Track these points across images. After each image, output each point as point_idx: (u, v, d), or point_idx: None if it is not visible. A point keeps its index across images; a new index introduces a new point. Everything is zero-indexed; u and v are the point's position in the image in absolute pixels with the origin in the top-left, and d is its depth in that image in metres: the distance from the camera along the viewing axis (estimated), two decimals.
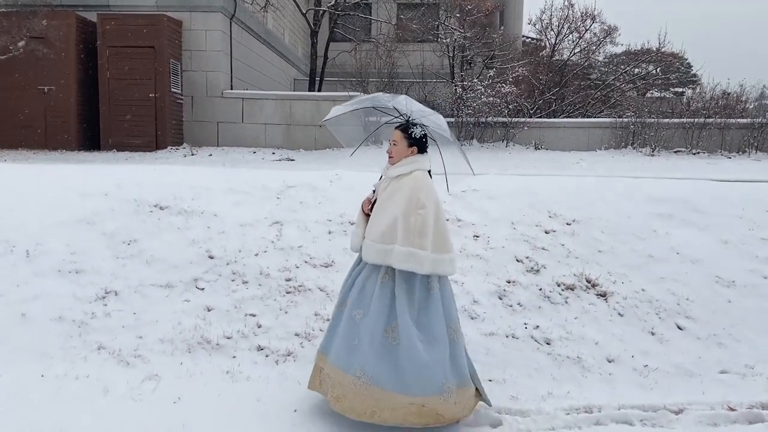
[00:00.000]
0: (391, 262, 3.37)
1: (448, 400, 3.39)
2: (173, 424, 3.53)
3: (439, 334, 3.43)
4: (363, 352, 3.38)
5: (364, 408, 3.37)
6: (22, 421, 3.48)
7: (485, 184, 6.24)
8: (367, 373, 3.36)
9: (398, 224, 3.37)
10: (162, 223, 5.40)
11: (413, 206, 3.37)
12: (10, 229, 5.29)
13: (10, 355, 4.22)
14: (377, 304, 3.41)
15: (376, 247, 3.43)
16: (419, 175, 3.48)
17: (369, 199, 3.69)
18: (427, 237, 3.37)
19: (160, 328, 4.48)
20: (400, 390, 3.34)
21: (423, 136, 3.57)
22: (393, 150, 3.58)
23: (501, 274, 5.10)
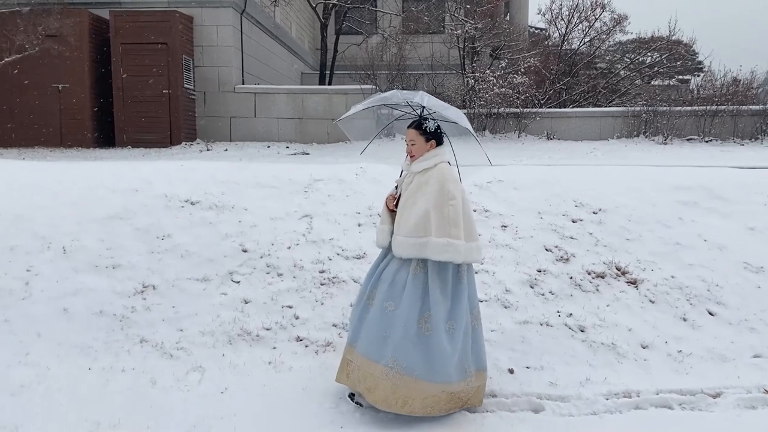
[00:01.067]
0: (428, 254, 3.40)
1: (471, 384, 3.57)
2: (224, 413, 3.61)
3: (465, 322, 3.53)
4: (395, 342, 3.44)
5: (396, 398, 3.45)
6: (77, 413, 3.57)
7: (509, 175, 6.30)
8: (400, 363, 3.43)
9: (431, 216, 3.40)
10: (194, 218, 5.47)
11: (445, 198, 3.42)
12: (44, 226, 5.35)
13: (56, 349, 4.30)
14: (410, 296, 3.45)
15: (410, 242, 3.46)
16: (445, 167, 3.54)
17: (393, 196, 3.72)
18: (460, 227, 3.43)
19: (200, 321, 4.55)
20: (433, 378, 3.43)
21: (437, 128, 3.61)
22: (412, 149, 3.60)
23: (531, 263, 5.17)
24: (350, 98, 12.14)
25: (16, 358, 4.19)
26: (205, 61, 12.24)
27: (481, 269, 5.07)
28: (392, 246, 3.59)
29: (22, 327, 4.48)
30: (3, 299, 4.69)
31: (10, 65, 10.51)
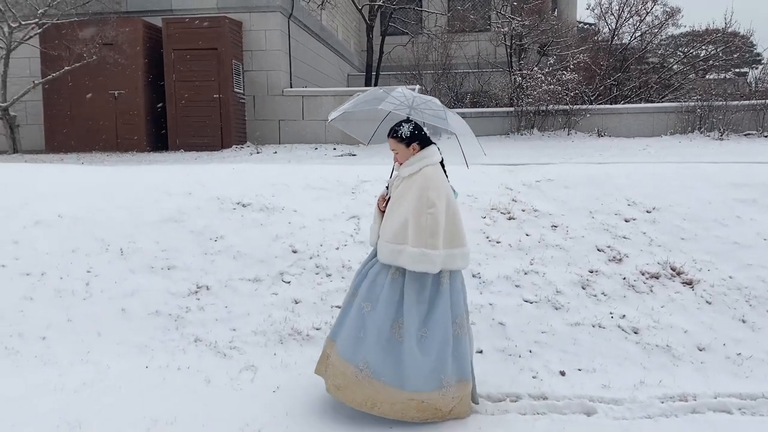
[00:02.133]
0: (403, 263, 3.35)
1: (446, 395, 3.44)
2: (276, 412, 3.67)
3: (444, 330, 3.42)
4: (368, 344, 3.43)
5: (365, 399, 3.44)
6: (135, 410, 3.68)
7: (559, 173, 6.21)
8: (370, 366, 3.42)
9: (409, 225, 3.35)
10: (246, 220, 5.59)
11: (423, 206, 3.33)
12: (103, 229, 5.56)
13: (114, 348, 4.46)
14: (385, 299, 3.43)
15: (389, 248, 3.42)
16: (428, 172, 3.42)
17: (383, 197, 3.66)
18: (438, 236, 3.34)
19: (252, 321, 4.65)
20: (401, 385, 3.39)
21: (415, 129, 3.47)
22: (397, 156, 3.54)
23: (583, 263, 5.08)
24: None
25: (78, 356, 4.37)
26: (254, 66, 12.46)
27: (530, 270, 5.03)
28: (377, 249, 3.56)
29: (84, 326, 4.66)
30: (66, 299, 4.89)
31: (69, 73, 10.93)
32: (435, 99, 3.68)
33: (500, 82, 14.26)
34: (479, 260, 5.17)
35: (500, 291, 4.86)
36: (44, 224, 5.63)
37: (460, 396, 3.48)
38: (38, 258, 5.27)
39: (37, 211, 5.79)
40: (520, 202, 5.86)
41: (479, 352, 4.34)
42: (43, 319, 4.71)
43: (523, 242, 5.35)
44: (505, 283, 4.94)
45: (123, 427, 3.50)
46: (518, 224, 5.57)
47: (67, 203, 5.90)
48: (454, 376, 3.45)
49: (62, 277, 5.08)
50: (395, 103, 3.58)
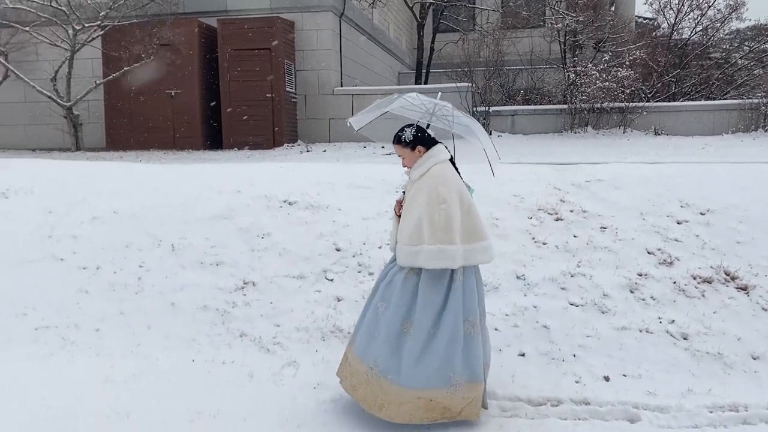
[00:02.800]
0: (421, 263, 3.33)
1: (456, 394, 3.38)
2: (316, 408, 3.73)
3: (453, 328, 3.38)
4: (378, 343, 3.43)
5: (374, 399, 3.43)
6: (181, 402, 3.80)
7: (610, 173, 6.06)
8: (379, 365, 3.41)
9: (423, 223, 3.34)
10: (292, 218, 5.67)
11: (434, 203, 3.33)
12: (155, 225, 5.74)
13: (163, 341, 4.61)
14: (398, 298, 3.43)
15: (406, 250, 3.40)
16: (436, 170, 3.41)
17: (399, 202, 3.67)
18: (454, 231, 3.32)
19: (296, 317, 4.72)
20: (407, 383, 3.35)
21: (417, 132, 3.49)
22: (404, 162, 3.56)
23: (631, 266, 4.95)
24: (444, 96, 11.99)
25: (129, 348, 4.53)
26: (306, 65, 12.62)
27: (577, 272, 4.93)
28: (396, 254, 3.55)
29: (135, 319, 4.83)
30: (119, 293, 5.08)
31: (128, 73, 11.32)
32: (449, 104, 3.68)
33: (553, 78, 14.01)
34: (524, 262, 5.10)
35: (545, 293, 4.78)
36: (101, 220, 5.86)
37: (470, 397, 3.42)
38: (94, 252, 5.49)
39: (94, 207, 6.04)
40: (569, 202, 5.75)
41: (521, 355, 4.29)
42: (98, 311, 4.91)
43: (571, 244, 5.25)
44: (550, 285, 4.86)
45: (168, 418, 3.61)
46: (566, 225, 5.46)
47: (123, 200, 6.12)
48: (464, 375, 3.39)
49: (116, 271, 5.28)
50: (417, 111, 3.66)
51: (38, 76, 11.95)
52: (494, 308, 4.68)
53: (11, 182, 6.51)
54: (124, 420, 3.61)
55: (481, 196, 5.91)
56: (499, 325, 4.55)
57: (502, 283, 4.90)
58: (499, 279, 4.94)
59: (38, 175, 6.64)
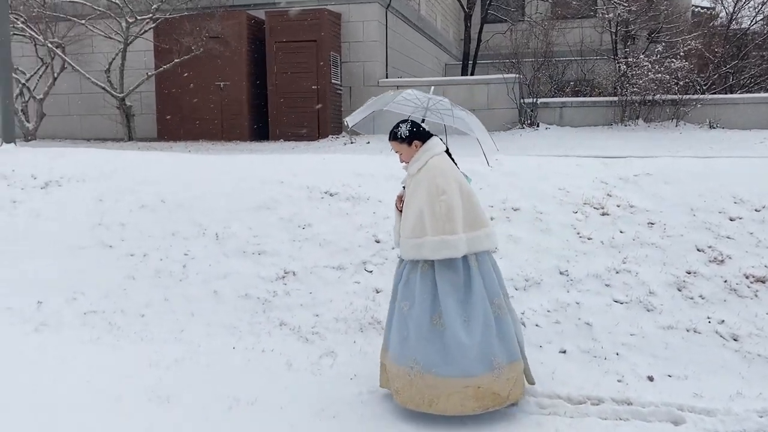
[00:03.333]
0: (426, 254, 3.39)
1: (500, 377, 3.39)
2: (352, 399, 3.73)
3: (484, 313, 3.42)
4: (412, 342, 3.43)
5: (422, 397, 3.41)
6: (220, 388, 3.86)
7: (660, 167, 5.86)
8: (419, 362, 3.40)
9: (425, 216, 3.39)
10: (332, 209, 5.69)
11: (434, 194, 3.38)
12: (201, 214, 5.85)
13: (206, 328, 4.70)
14: (421, 294, 3.45)
15: (410, 243, 3.46)
16: (434, 162, 3.48)
17: (400, 197, 3.72)
18: (456, 220, 3.38)
19: (335, 308, 4.74)
20: (452, 373, 3.35)
21: (412, 127, 3.54)
22: (401, 157, 3.62)
23: (680, 264, 4.78)
24: (492, 88, 11.97)
25: (173, 334, 4.64)
26: (351, 57, 12.63)
27: (622, 269, 4.79)
28: (400, 248, 3.61)
29: (180, 306, 4.94)
30: (164, 280, 5.20)
31: (179, 65, 11.55)
32: (446, 99, 3.78)
33: (604, 70, 13.64)
34: (568, 257, 4.99)
35: (588, 290, 4.67)
36: (148, 208, 6.00)
37: (514, 377, 3.45)
38: (142, 240, 5.63)
39: (142, 195, 6.19)
40: (615, 197, 5.59)
41: (562, 352, 4.21)
42: (144, 297, 5.04)
43: (617, 239, 5.11)
44: (594, 281, 4.74)
45: (207, 403, 3.68)
46: (612, 220, 5.32)
47: (171, 190, 6.26)
48: (504, 357, 3.42)
49: (162, 258, 5.40)
50: (410, 106, 3.76)
51: (93, 68, 12.32)
52: (535, 304, 4.61)
53: (65, 171, 6.73)
54: (165, 404, 3.69)
55: (525, 189, 5.83)
56: (541, 321, 4.47)
57: (544, 279, 4.81)
58: (541, 274, 4.86)
59: (90, 164, 6.84)
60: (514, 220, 5.44)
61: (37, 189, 6.41)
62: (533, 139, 10.85)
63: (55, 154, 7.05)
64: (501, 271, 3.73)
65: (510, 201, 5.67)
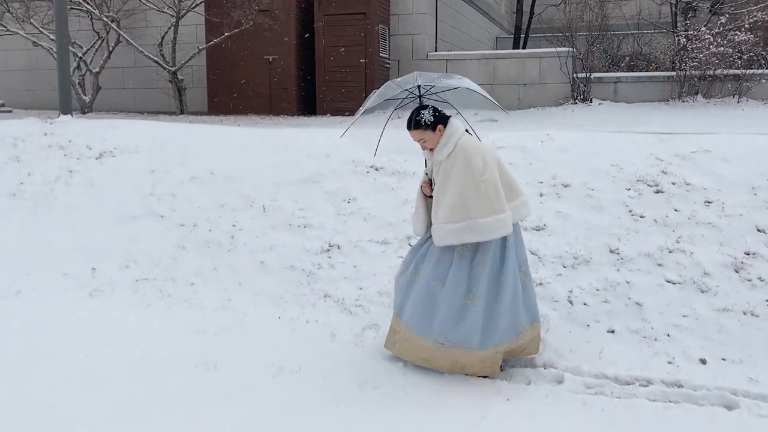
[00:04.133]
0: (474, 237, 3.39)
1: (523, 337, 3.58)
2: (394, 370, 3.75)
3: (514, 283, 3.52)
4: (443, 320, 3.50)
5: (453, 364, 3.58)
6: (265, 356, 3.93)
7: (719, 144, 5.61)
8: (450, 340, 3.50)
9: (470, 199, 3.38)
10: (377, 183, 5.67)
11: (476, 176, 3.38)
12: (249, 187, 5.92)
13: (253, 297, 4.77)
14: (455, 277, 3.50)
15: (448, 227, 3.43)
16: (464, 144, 3.46)
17: (427, 183, 3.70)
18: (502, 198, 3.43)
19: (378, 281, 4.75)
20: (485, 345, 3.49)
21: (435, 112, 3.52)
22: (426, 144, 3.57)
23: (738, 244, 4.59)
24: (544, 62, 11.66)
25: (221, 303, 4.73)
26: (400, 30, 12.48)
27: (676, 248, 4.63)
28: (433, 236, 3.57)
29: (227, 275, 5.03)
30: (213, 250, 5.30)
31: (228, 39, 11.63)
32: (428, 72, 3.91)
33: (662, 44, 13.10)
34: (619, 235, 4.85)
35: (639, 269, 4.54)
36: (198, 180, 6.10)
37: (533, 335, 3.66)
38: (191, 211, 5.74)
39: (193, 167, 6.30)
40: (671, 174, 5.39)
41: (611, 332, 4.12)
42: (193, 266, 5.15)
43: (671, 218, 4.94)
44: (645, 261, 4.60)
45: (252, 371, 3.75)
46: (666, 198, 5.13)
47: (220, 161, 6.34)
48: (527, 320, 3.61)
49: (211, 229, 5.50)
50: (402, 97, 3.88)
51: (146, 42, 12.51)
52: (584, 282, 4.51)
53: (118, 142, 6.89)
54: (212, 370, 3.77)
55: (577, 165, 5.68)
56: (589, 300, 4.37)
57: (594, 257, 4.70)
58: (590, 252, 4.74)
59: (143, 136, 6.99)
60: (563, 197, 5.32)
61: (92, 159, 6.59)
62: (586, 114, 10.54)
63: (109, 126, 7.22)
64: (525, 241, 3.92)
65: (560, 177, 5.53)
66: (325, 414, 3.32)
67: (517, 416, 3.27)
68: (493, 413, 3.28)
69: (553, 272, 4.65)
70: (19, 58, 14.08)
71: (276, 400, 3.44)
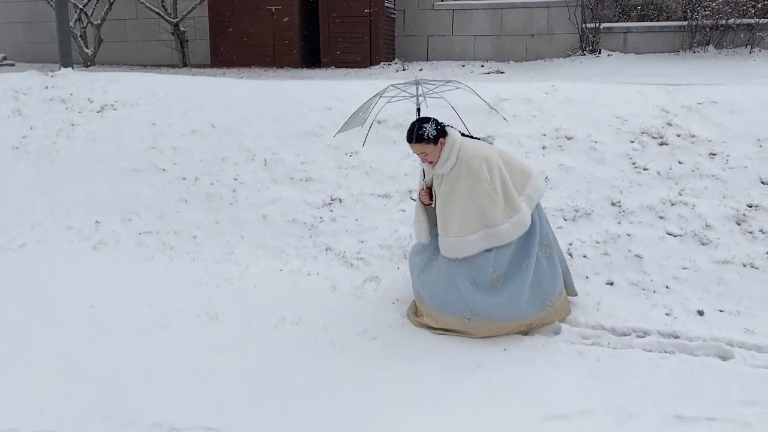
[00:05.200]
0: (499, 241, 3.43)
1: (551, 309, 3.61)
2: (393, 322, 3.80)
3: (536, 258, 3.54)
4: (467, 299, 3.51)
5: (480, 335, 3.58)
6: (266, 307, 3.99)
7: (726, 95, 5.51)
8: (477, 314, 3.52)
9: (485, 208, 3.40)
10: (379, 137, 5.61)
11: (487, 185, 3.38)
12: (250, 140, 5.89)
13: (254, 250, 4.81)
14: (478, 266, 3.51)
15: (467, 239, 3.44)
16: (466, 155, 3.41)
17: (425, 191, 3.67)
18: (514, 198, 3.45)
19: (379, 235, 4.76)
20: (509, 318, 3.53)
21: (437, 125, 3.46)
22: (427, 158, 3.49)
23: (741, 197, 4.56)
24: (552, 12, 11.41)
25: (223, 255, 4.77)
26: None
27: (678, 201, 4.61)
28: (441, 248, 3.56)
29: (229, 229, 5.06)
30: (215, 203, 5.32)
31: None
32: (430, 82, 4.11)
33: None
34: (621, 188, 4.83)
35: (641, 222, 4.53)
36: (200, 133, 6.08)
37: (560, 304, 3.70)
38: (193, 164, 5.74)
39: (194, 120, 6.27)
40: (676, 126, 5.32)
41: (609, 284, 4.13)
42: (195, 219, 5.18)
43: (674, 170, 4.90)
44: (647, 213, 4.58)
45: (254, 321, 3.81)
46: (670, 150, 5.08)
47: (221, 114, 6.31)
48: (554, 293, 3.63)
49: (212, 183, 5.50)
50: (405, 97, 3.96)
51: None
52: (584, 235, 4.50)
53: (119, 95, 6.85)
54: (213, 321, 3.84)
55: (581, 117, 5.61)
56: (589, 252, 4.38)
57: (595, 210, 4.68)
58: (592, 205, 4.72)
59: (143, 89, 6.94)
60: (566, 149, 5.27)
61: (93, 112, 6.56)
62: (594, 66, 10.35)
63: (110, 79, 7.16)
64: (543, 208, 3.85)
65: (564, 129, 5.47)
66: (324, 362, 3.39)
67: (513, 365, 3.32)
68: (489, 362, 3.34)
69: (554, 225, 4.61)
70: (20, 11, 13.89)
71: (277, 349, 3.51)
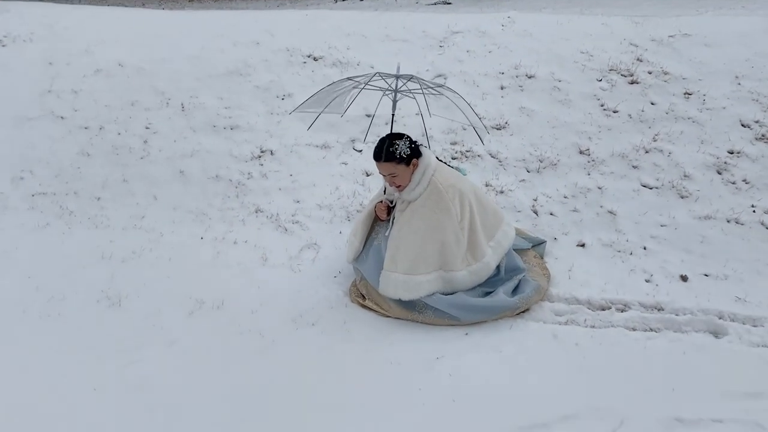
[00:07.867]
0: (444, 288, 3.03)
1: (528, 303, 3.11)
2: (334, 302, 3.20)
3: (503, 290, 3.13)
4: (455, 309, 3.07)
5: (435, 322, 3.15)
6: (183, 288, 3.32)
7: (700, 27, 5.00)
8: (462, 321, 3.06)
9: (447, 247, 2.98)
10: (316, 76, 4.89)
11: (455, 221, 2.96)
12: (164, 81, 5.06)
13: (171, 214, 4.08)
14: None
15: (417, 279, 2.97)
16: (438, 181, 2.94)
17: (384, 204, 3.13)
18: (481, 243, 3.07)
19: (318, 193, 4.10)
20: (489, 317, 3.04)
21: (411, 143, 2.92)
22: (396, 180, 2.95)
23: (720, 142, 4.09)
24: None
25: (132, 221, 4.02)
26: None
27: (653, 148, 4.11)
28: (381, 283, 3.01)
29: (140, 188, 4.29)
30: (123, 157, 4.52)
31: None
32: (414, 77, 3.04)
33: None
34: (590, 133, 4.30)
35: (613, 172, 4.02)
36: (105, 73, 5.19)
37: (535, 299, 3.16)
38: (97, 110, 4.88)
39: (98, 58, 5.36)
40: (647, 62, 4.78)
41: (581, 245, 3.63)
42: (99, 177, 4.38)
43: (647, 113, 4.38)
44: (619, 162, 4.08)
45: (164, 307, 3.15)
46: (642, 90, 4.56)
47: (130, 51, 5.41)
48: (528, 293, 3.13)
49: (120, 132, 4.68)
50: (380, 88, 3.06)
51: None
52: (550, 189, 3.97)
53: (9, 28, 5.82)
54: (115, 307, 3.15)
55: (542, 53, 5.00)
56: (556, 209, 3.85)
57: (562, 159, 4.14)
58: (558, 154, 4.18)
59: (39, 21, 5.92)
60: (527, 89, 4.68)
61: None
62: None
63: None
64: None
65: (524, 66, 4.86)
66: (250, 359, 2.77)
67: (476, 355, 2.79)
68: (449, 352, 2.80)
69: (516, 178, 4.09)
70: None
71: (191, 343, 2.87)
